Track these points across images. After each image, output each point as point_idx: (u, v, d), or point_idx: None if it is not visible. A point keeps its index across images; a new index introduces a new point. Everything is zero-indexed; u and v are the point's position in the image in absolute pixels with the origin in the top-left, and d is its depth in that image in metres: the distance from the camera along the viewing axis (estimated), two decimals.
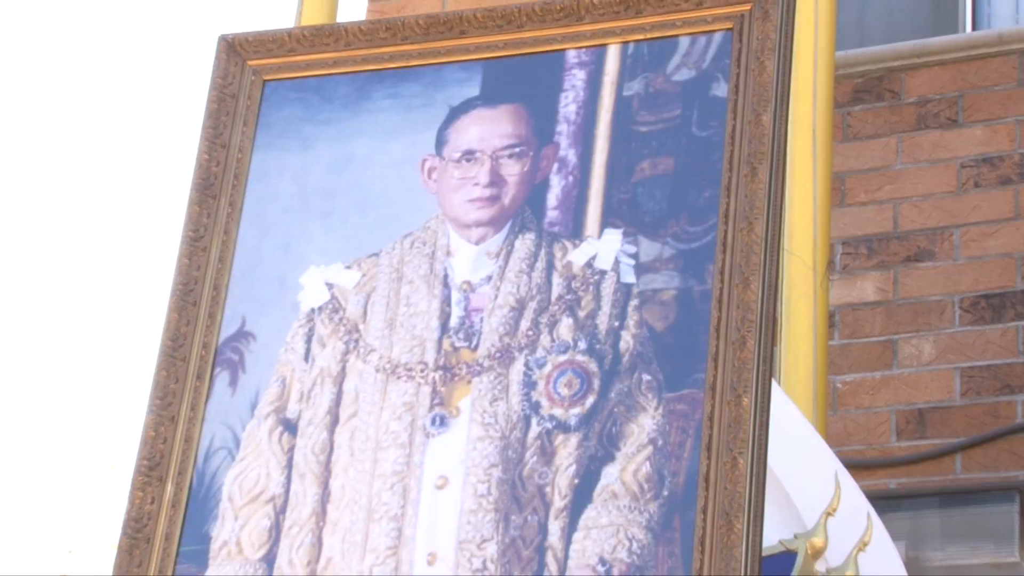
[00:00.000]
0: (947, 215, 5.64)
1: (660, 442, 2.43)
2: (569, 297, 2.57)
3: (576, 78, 2.76)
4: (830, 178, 4.26)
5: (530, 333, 2.56)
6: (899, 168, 5.75)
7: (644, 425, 2.45)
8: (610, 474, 2.43)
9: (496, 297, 2.61)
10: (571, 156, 2.70)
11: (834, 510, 3.33)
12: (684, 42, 2.72)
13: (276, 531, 2.53)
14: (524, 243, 2.64)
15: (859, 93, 5.85)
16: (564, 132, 2.72)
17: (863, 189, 5.75)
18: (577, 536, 2.39)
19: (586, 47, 2.77)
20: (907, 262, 5.60)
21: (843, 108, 5.66)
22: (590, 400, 2.49)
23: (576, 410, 2.48)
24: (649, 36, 2.74)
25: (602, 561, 2.36)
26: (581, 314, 2.56)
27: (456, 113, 2.78)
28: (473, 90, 2.79)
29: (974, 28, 5.99)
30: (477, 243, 2.67)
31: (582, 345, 2.53)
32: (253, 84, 2.88)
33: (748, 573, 2.29)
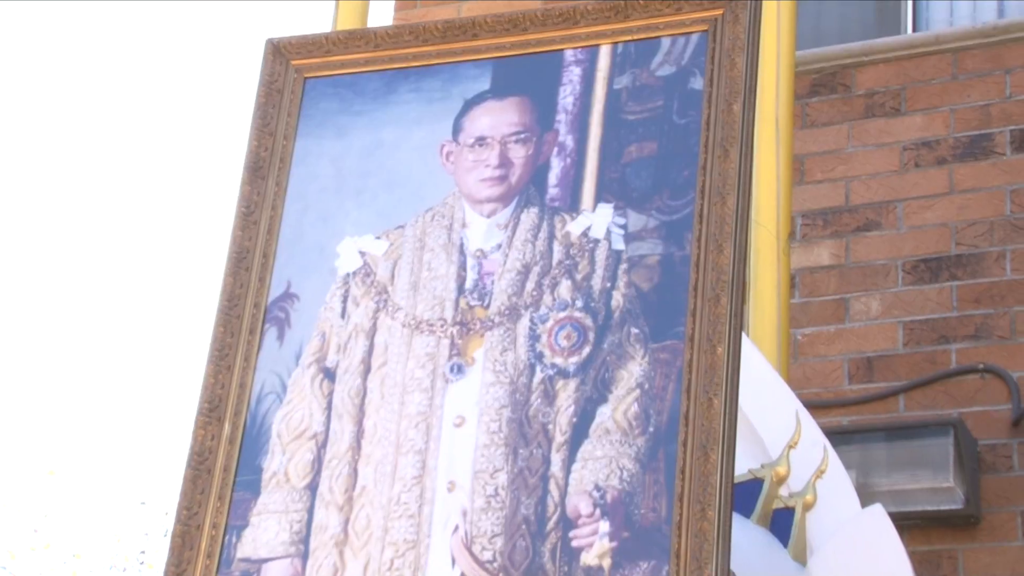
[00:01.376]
0: (891, 191, 5.63)
1: (646, 386, 2.43)
2: (568, 262, 2.57)
3: (573, 74, 2.76)
4: (791, 160, 4.26)
5: (534, 293, 2.56)
6: (850, 151, 5.74)
7: (632, 371, 2.45)
8: (603, 413, 2.43)
9: (505, 263, 2.60)
10: (569, 141, 2.69)
11: (795, 443, 3.33)
12: (666, 42, 2.72)
13: (318, 463, 2.53)
14: (529, 216, 2.64)
15: (815, 87, 5.83)
16: (563, 120, 2.72)
17: (819, 169, 5.73)
18: (575, 467, 2.39)
19: (581, 47, 2.77)
20: (857, 231, 5.59)
21: (802, 100, 5.64)
22: (586, 350, 2.49)
23: (574, 359, 2.48)
24: (635, 37, 2.74)
25: (597, 488, 2.36)
26: (578, 277, 2.55)
27: (470, 105, 2.78)
28: (484, 85, 2.79)
29: (914, 30, 5.97)
30: (488, 216, 2.67)
31: (579, 303, 2.53)
32: (296, 81, 2.88)
33: (722, 498, 2.29)
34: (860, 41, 5.93)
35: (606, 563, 2.30)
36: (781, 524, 3.25)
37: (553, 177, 2.67)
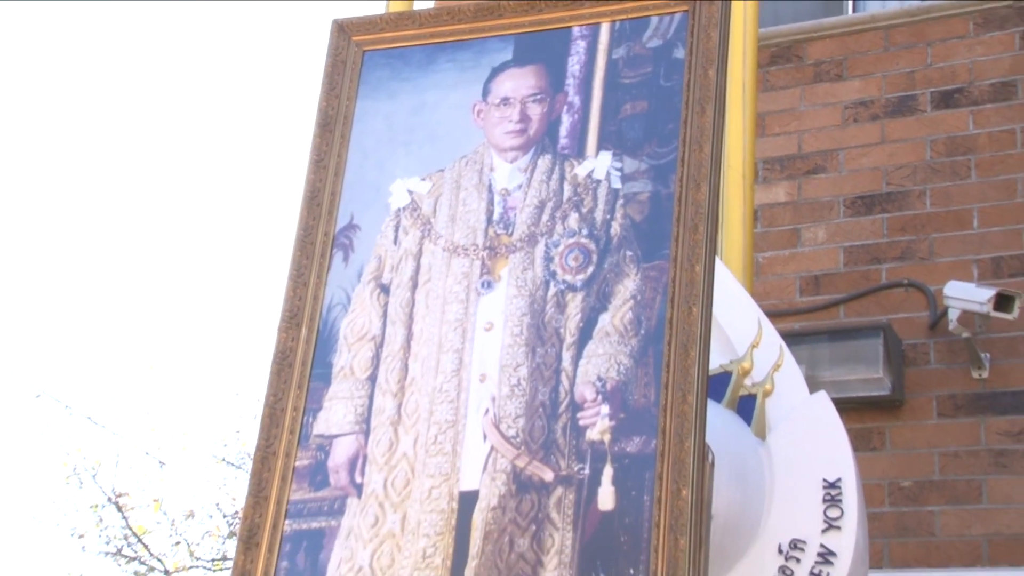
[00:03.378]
0: (835, 141, 5.60)
1: (638, 297, 2.42)
2: (575, 198, 2.56)
3: (579, 46, 2.73)
4: (755, 116, 4.24)
5: (549, 224, 2.55)
6: (801, 110, 5.71)
7: (627, 286, 2.44)
8: (604, 319, 2.42)
9: (525, 199, 2.60)
10: (576, 101, 2.68)
11: (757, 343, 3.32)
12: (654, 20, 2.69)
13: (376, 359, 2.53)
14: (544, 161, 2.63)
15: (774, 57, 5.80)
16: (571, 84, 2.70)
17: (777, 124, 5.71)
18: (582, 362, 2.39)
19: (586, 24, 2.74)
20: (807, 174, 5.57)
21: (764, 68, 5.61)
22: (590, 269, 2.48)
23: (581, 276, 2.48)
24: (630, 16, 2.71)
25: (599, 379, 2.37)
26: (584, 210, 2.54)
27: (496, 72, 2.76)
28: (507, 55, 2.77)
29: (854, 11, 5.94)
30: (511, 162, 2.65)
31: (584, 231, 2.52)
32: (356, 54, 2.87)
33: (699, 386, 2.29)
34: (810, 20, 5.89)
35: (606, 438, 2.31)
36: (746, 408, 3.25)
37: (563, 130, 2.66)
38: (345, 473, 2.44)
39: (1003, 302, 4.84)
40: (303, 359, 2.55)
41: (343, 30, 2.89)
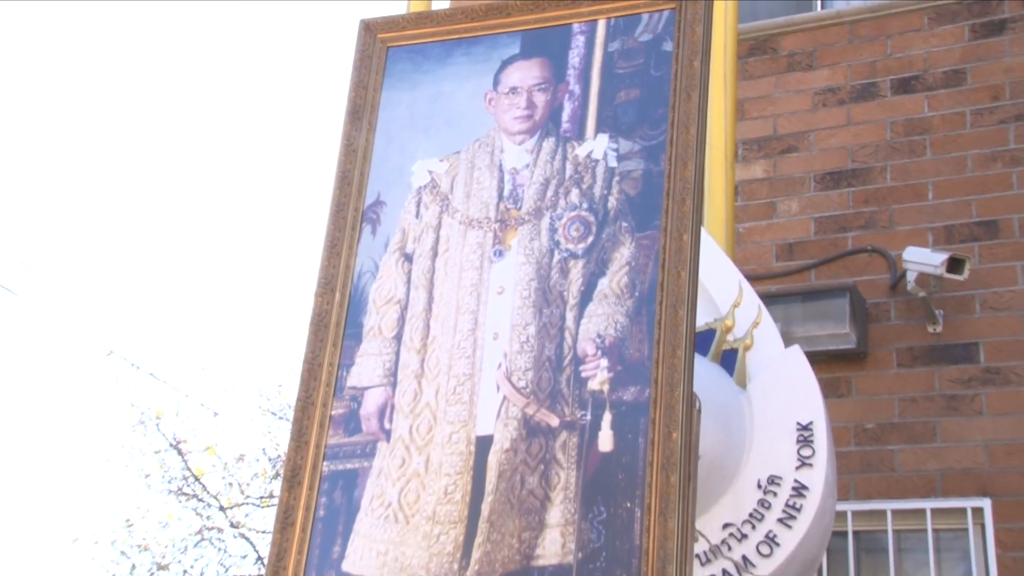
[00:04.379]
0: (806, 124, 5.58)
1: (633, 263, 2.41)
2: (576, 176, 2.54)
3: (579, 41, 2.71)
4: (735, 102, 4.22)
5: (553, 199, 2.53)
6: (776, 96, 5.68)
7: (623, 253, 2.42)
8: (603, 283, 2.41)
9: (532, 177, 2.58)
10: (577, 89, 2.66)
11: (738, 303, 3.31)
12: (645, 17, 2.67)
13: (401, 320, 2.52)
14: (548, 143, 2.61)
15: (752, 49, 5.77)
16: (572, 75, 2.68)
17: (755, 109, 5.68)
18: (583, 321, 2.38)
19: (585, 21, 2.72)
20: (781, 153, 5.55)
21: (742, 59, 5.59)
22: (590, 239, 2.46)
23: (582, 245, 2.46)
24: (624, 13, 2.69)
25: (599, 335, 2.35)
26: (584, 186, 2.53)
27: (505, 64, 2.74)
28: (515, 49, 2.75)
29: (822, 8, 5.90)
30: (519, 144, 2.63)
31: (584, 205, 2.50)
32: (380, 50, 2.84)
33: (687, 342, 2.28)
34: (783, 16, 5.86)
35: (605, 388, 2.30)
36: (728, 360, 3.25)
37: (565, 115, 2.63)
38: (375, 420, 2.44)
39: (955, 265, 4.86)
40: (337, 320, 2.55)
41: (369, 29, 2.88)
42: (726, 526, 2.99)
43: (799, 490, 3.00)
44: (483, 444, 2.34)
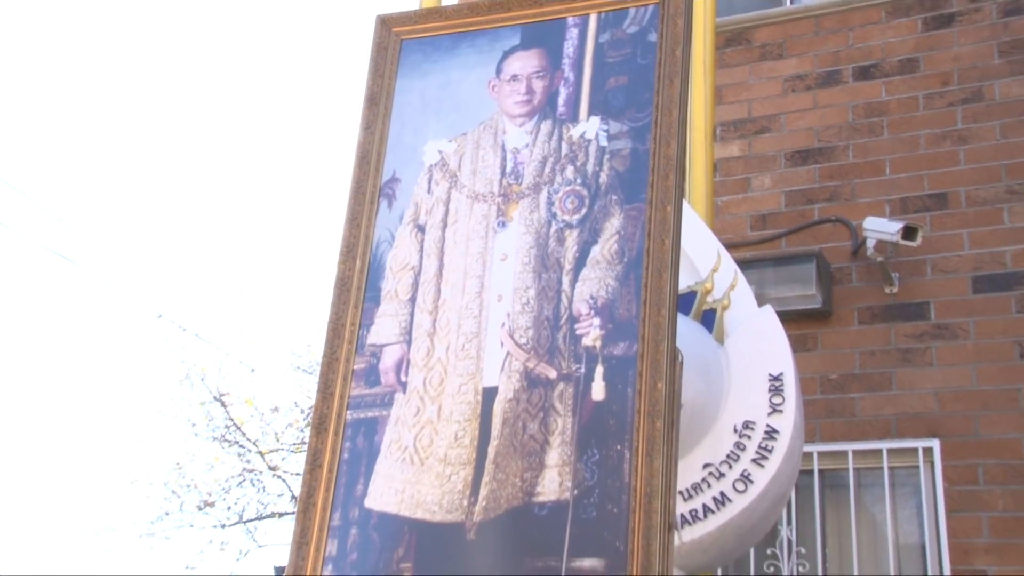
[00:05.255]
0: (777, 107, 5.55)
1: (622, 232, 2.38)
2: (571, 154, 2.52)
3: (572, 33, 2.68)
4: (714, 88, 4.19)
5: (550, 175, 2.51)
6: (751, 83, 5.64)
7: (613, 223, 2.40)
8: (595, 250, 2.39)
9: (531, 155, 2.55)
10: (571, 76, 2.63)
11: (717, 268, 3.29)
12: (632, 11, 2.64)
13: (415, 285, 2.50)
14: (546, 125, 2.58)
15: (729, 41, 5.72)
16: (567, 63, 2.65)
17: (731, 94, 5.64)
18: (578, 284, 2.36)
19: (578, 15, 2.69)
20: (755, 134, 5.52)
21: (720, 49, 5.55)
22: (583, 211, 2.44)
23: (576, 216, 2.44)
24: (613, 8, 2.66)
25: (592, 297, 2.34)
26: (578, 164, 2.50)
27: (506, 54, 2.71)
28: (516, 41, 2.72)
29: (792, 3, 5.85)
30: (520, 126, 2.61)
31: (579, 180, 2.48)
32: (395, 42, 2.81)
33: (671, 302, 2.26)
34: (757, 11, 5.81)
35: (598, 344, 2.29)
36: (707, 319, 3.23)
37: (561, 100, 2.61)
38: (393, 374, 2.43)
39: (909, 233, 4.86)
40: (358, 285, 2.53)
41: (385, 23, 2.85)
42: (706, 466, 2.99)
43: (770, 434, 3.00)
44: (489, 394, 2.33)
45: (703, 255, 3.36)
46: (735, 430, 3.02)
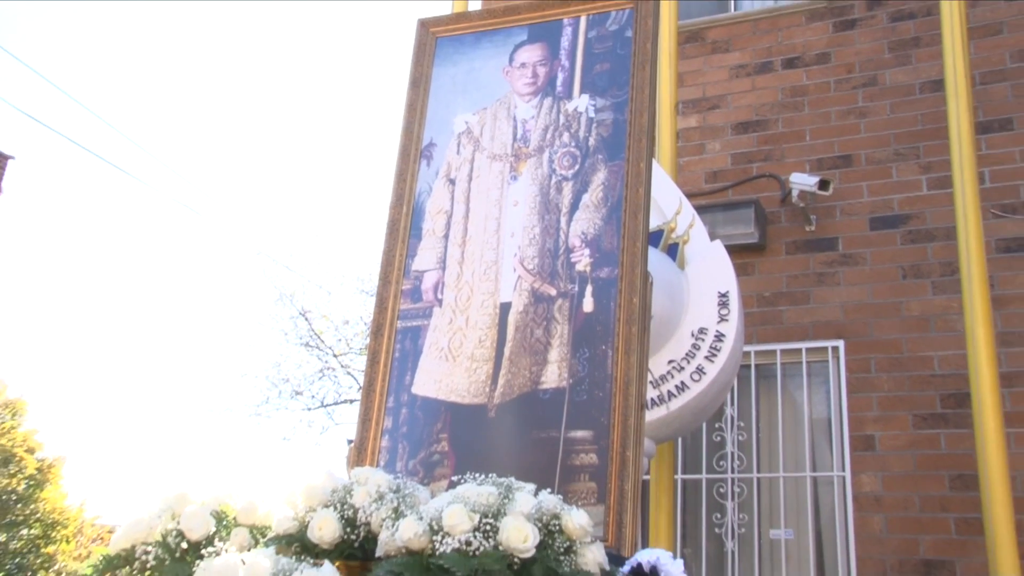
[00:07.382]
0: (725, 89, 5.42)
1: (606, 183, 2.33)
2: (567, 124, 2.45)
3: (568, 30, 2.60)
4: (677, 74, 4.09)
5: (551, 139, 2.44)
6: (705, 71, 5.50)
7: (600, 177, 2.34)
8: (586, 197, 2.33)
9: (536, 124, 2.49)
10: (567, 64, 2.55)
11: (679, 211, 3.23)
12: (614, 13, 2.56)
13: (448, 225, 2.45)
14: (547, 102, 2.51)
15: (688, 38, 5.58)
16: (563, 54, 2.57)
17: (689, 79, 5.51)
18: (572, 224, 2.31)
19: (571, 17, 2.61)
20: (708, 110, 5.40)
21: (681, 44, 5.42)
22: (576, 167, 2.38)
23: (571, 171, 2.38)
24: (599, 11, 2.58)
25: (583, 233, 2.29)
26: (572, 131, 2.44)
27: (517, 47, 2.63)
28: (524, 37, 2.64)
29: (735, 10, 5.68)
30: (527, 102, 2.54)
31: (573, 143, 2.41)
32: (432, 39, 2.73)
33: (643, 237, 2.21)
34: (709, 15, 5.66)
35: (587, 269, 2.25)
36: (672, 251, 3.18)
37: (559, 82, 2.53)
38: (431, 292, 2.39)
39: (823, 184, 4.84)
40: (404, 225, 2.48)
41: (424, 25, 2.77)
42: (670, 362, 2.96)
43: (719, 337, 2.96)
44: (504, 308, 2.30)
45: (668, 202, 3.30)
46: (692, 335, 2.98)
